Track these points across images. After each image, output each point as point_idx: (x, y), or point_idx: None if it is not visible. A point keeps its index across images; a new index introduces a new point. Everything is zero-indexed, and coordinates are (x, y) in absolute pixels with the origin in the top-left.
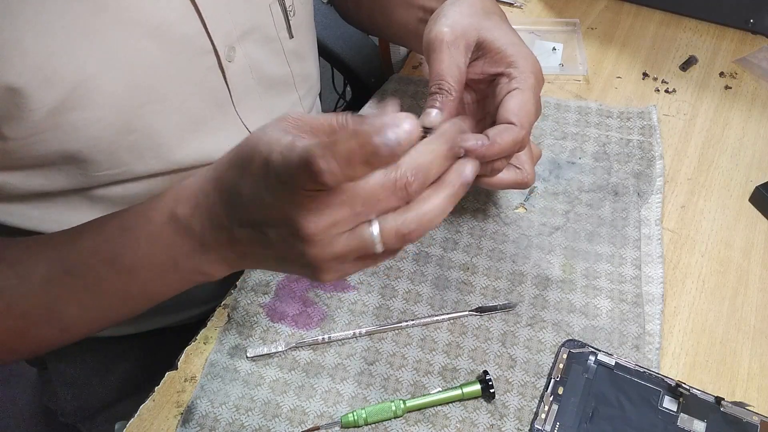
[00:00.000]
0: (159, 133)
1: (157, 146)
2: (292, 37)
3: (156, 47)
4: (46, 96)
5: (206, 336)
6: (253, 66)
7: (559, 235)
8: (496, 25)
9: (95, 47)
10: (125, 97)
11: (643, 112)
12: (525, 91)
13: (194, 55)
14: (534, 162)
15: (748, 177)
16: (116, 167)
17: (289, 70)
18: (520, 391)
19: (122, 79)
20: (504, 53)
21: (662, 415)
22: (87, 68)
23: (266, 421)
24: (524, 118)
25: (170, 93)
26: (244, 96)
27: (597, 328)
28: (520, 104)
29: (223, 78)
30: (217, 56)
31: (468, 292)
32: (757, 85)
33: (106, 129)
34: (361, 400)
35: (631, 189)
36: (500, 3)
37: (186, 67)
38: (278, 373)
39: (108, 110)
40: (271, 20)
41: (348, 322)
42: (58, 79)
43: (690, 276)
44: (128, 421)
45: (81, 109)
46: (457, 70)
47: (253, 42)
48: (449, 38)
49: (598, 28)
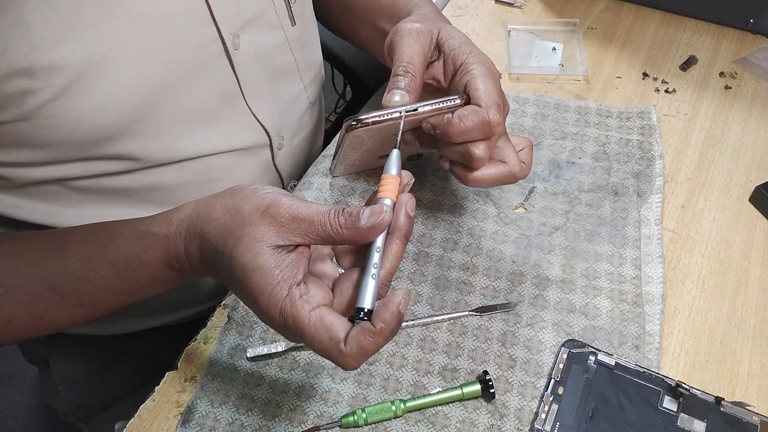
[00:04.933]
0: (165, 121)
1: (162, 135)
2: (295, 24)
3: (163, 36)
4: (51, 81)
5: (206, 336)
6: (258, 54)
7: (559, 235)
8: (452, 28)
9: (102, 36)
10: (131, 85)
11: (642, 112)
12: (481, 77)
13: (201, 44)
14: (527, 154)
15: (748, 177)
16: (121, 154)
17: (293, 58)
18: (520, 391)
19: (129, 67)
20: (459, 51)
21: (662, 415)
22: (93, 56)
23: (266, 421)
24: (488, 99)
25: (177, 82)
26: (253, 86)
27: (597, 328)
28: (478, 87)
29: (232, 67)
30: (224, 44)
31: (468, 292)
32: (757, 85)
33: (111, 116)
34: (361, 400)
35: (631, 189)
36: (500, 3)
37: (194, 57)
38: (278, 373)
39: (113, 98)
40: (273, 7)
41: None
42: (63, 65)
43: (690, 276)
44: (128, 421)
45: (86, 96)
46: (422, 57)
47: (256, 30)
48: (417, 27)
49: (598, 28)
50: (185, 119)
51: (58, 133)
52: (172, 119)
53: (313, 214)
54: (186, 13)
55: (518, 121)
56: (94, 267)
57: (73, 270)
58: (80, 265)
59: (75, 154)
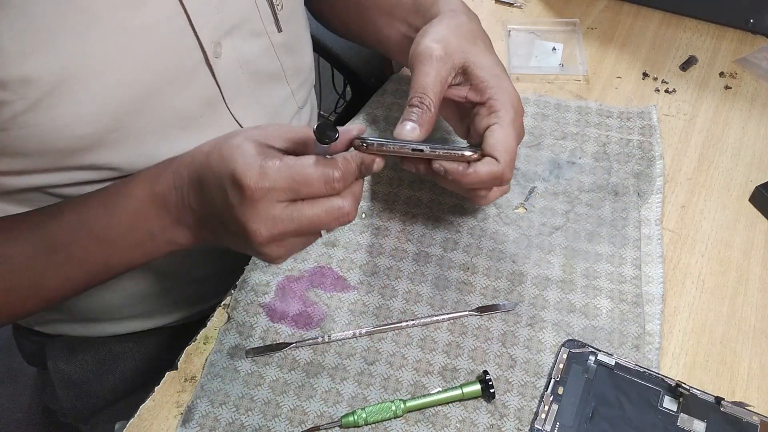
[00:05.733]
0: (144, 130)
1: (141, 143)
2: (281, 30)
3: (141, 47)
4: (24, 93)
5: (206, 336)
6: (241, 61)
7: (559, 235)
8: (481, 52)
9: (76, 47)
10: (108, 96)
11: (643, 112)
12: (505, 126)
13: (180, 53)
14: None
15: (748, 177)
16: (99, 164)
17: (280, 64)
18: (520, 391)
19: (105, 78)
20: (486, 84)
21: (662, 415)
22: (68, 68)
23: (266, 421)
24: (505, 154)
25: (156, 92)
26: (235, 92)
27: (597, 328)
28: (500, 139)
29: (212, 75)
30: (204, 53)
31: (468, 292)
32: (757, 85)
33: (88, 127)
34: (361, 400)
35: (631, 189)
36: (500, 3)
37: (172, 66)
38: (278, 373)
39: (91, 108)
40: (258, 15)
41: (348, 322)
42: (37, 77)
43: (690, 276)
44: (128, 421)
45: (62, 107)
46: (440, 86)
47: (240, 37)
48: (438, 54)
49: (598, 28)
50: (165, 127)
51: (34, 143)
52: (151, 128)
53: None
54: (164, 23)
55: None
56: (87, 209)
57: (67, 219)
58: (73, 214)
59: (53, 163)
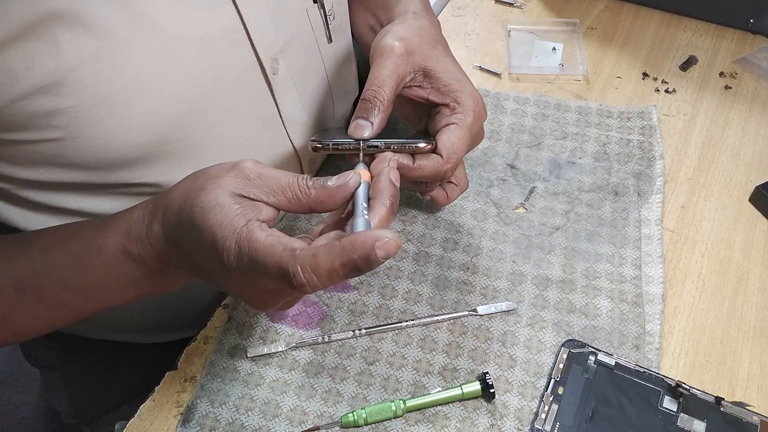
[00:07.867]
0: (198, 145)
1: (196, 158)
2: (331, 41)
3: (198, 59)
4: (79, 100)
5: (206, 336)
6: (295, 77)
7: (559, 235)
8: (441, 56)
9: (132, 57)
10: (164, 107)
11: (643, 112)
12: (461, 128)
13: (239, 68)
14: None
15: (748, 177)
16: (152, 175)
17: (326, 74)
18: (520, 391)
19: (161, 89)
20: (450, 87)
21: (662, 415)
22: (123, 76)
23: (266, 421)
24: (452, 153)
25: (213, 106)
26: (290, 109)
27: (597, 328)
28: (452, 140)
29: (271, 92)
30: (262, 69)
31: (468, 292)
32: (757, 85)
33: (143, 137)
34: (361, 400)
35: (632, 189)
36: (500, 3)
37: (230, 81)
38: (278, 373)
39: (145, 119)
40: (310, 27)
41: (348, 322)
42: (91, 83)
43: (690, 276)
44: (128, 421)
45: (116, 117)
46: (396, 82)
47: (294, 52)
48: (398, 51)
49: (598, 28)
50: (222, 142)
51: (88, 153)
52: (206, 142)
53: (281, 175)
54: (223, 37)
55: (519, 121)
56: (55, 257)
57: (35, 262)
58: (42, 256)
59: (105, 178)
